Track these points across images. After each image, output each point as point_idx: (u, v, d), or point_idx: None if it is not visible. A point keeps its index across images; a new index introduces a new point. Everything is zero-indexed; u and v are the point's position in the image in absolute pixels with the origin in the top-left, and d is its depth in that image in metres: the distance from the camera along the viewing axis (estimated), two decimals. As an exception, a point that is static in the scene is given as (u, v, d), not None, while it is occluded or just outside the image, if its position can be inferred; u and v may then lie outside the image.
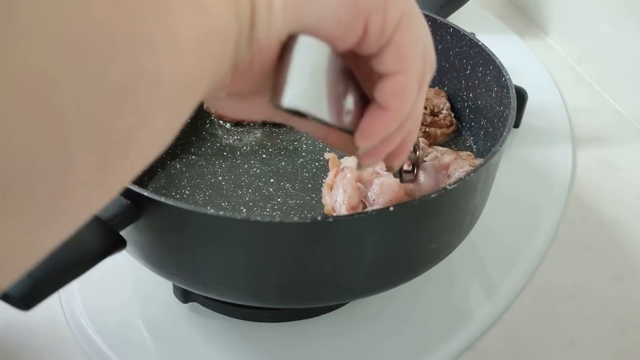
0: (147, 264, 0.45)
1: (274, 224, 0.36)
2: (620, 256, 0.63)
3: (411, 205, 0.39)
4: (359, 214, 0.37)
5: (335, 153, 0.58)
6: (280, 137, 0.65)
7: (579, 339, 0.54)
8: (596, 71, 0.93)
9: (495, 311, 0.56)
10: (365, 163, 0.33)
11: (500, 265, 0.60)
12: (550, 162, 0.74)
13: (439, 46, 0.65)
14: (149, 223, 0.39)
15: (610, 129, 0.83)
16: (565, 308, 0.57)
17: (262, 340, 0.52)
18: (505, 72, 0.54)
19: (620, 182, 0.73)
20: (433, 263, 0.47)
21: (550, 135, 0.79)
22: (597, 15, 0.90)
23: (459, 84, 0.64)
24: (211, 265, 0.42)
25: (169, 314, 0.54)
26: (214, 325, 0.53)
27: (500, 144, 0.44)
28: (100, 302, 0.55)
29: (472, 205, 0.46)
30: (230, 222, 0.38)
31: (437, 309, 0.55)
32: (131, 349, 0.51)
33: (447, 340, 0.52)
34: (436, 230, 0.44)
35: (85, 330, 0.52)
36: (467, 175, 0.41)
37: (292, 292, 0.43)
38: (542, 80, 0.91)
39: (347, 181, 0.50)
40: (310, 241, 0.39)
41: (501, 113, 0.53)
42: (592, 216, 0.68)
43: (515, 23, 1.11)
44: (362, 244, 0.40)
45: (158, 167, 0.59)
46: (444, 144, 0.62)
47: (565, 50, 1.01)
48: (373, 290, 0.46)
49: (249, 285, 0.43)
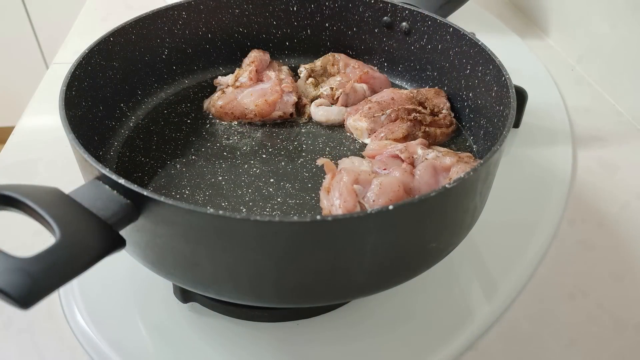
0: (146, 263, 0.45)
1: (273, 224, 0.36)
2: (620, 256, 0.63)
3: (411, 204, 0.39)
4: (359, 214, 0.37)
5: (328, 157, 0.58)
6: (280, 137, 0.65)
7: (578, 339, 0.54)
8: (596, 71, 0.93)
9: (496, 311, 0.56)
10: None
11: (500, 265, 0.60)
12: (550, 162, 0.74)
13: (439, 46, 0.65)
14: (148, 222, 0.39)
15: (611, 129, 0.83)
16: (565, 308, 0.57)
17: (262, 340, 0.52)
18: (505, 71, 0.54)
19: (620, 181, 0.73)
20: (433, 262, 0.47)
21: (550, 135, 0.79)
22: (598, 15, 0.90)
23: (459, 84, 0.64)
24: (211, 265, 0.42)
25: (168, 313, 0.54)
26: (213, 325, 0.53)
27: (500, 144, 0.44)
28: (100, 302, 0.55)
29: (472, 205, 0.46)
30: (230, 222, 0.37)
31: (437, 309, 0.55)
32: (130, 349, 0.51)
33: (447, 340, 0.52)
34: (436, 229, 0.44)
35: (84, 330, 0.52)
36: (467, 174, 0.41)
37: (292, 292, 0.43)
38: (542, 80, 0.92)
39: (343, 184, 0.50)
40: (309, 240, 0.39)
41: (501, 113, 0.53)
42: (592, 216, 0.68)
43: (515, 23, 1.11)
44: (361, 243, 0.40)
45: (158, 167, 0.59)
46: (444, 144, 0.62)
47: (566, 50, 1.01)
48: (373, 290, 0.46)
49: (248, 284, 0.43)
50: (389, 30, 0.70)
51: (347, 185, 0.50)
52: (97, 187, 0.38)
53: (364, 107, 0.64)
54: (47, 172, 0.72)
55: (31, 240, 0.53)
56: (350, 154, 0.62)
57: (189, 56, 0.72)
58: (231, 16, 0.71)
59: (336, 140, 0.64)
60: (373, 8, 0.70)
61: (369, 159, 0.58)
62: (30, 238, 0.51)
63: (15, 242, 0.55)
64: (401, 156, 0.55)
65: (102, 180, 0.39)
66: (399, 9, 0.68)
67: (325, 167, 0.54)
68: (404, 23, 0.68)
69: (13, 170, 0.73)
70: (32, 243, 0.35)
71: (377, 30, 0.71)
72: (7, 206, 0.35)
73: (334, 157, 0.61)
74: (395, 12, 0.68)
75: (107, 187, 0.38)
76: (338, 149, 0.63)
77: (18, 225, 0.49)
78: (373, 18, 0.70)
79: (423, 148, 0.56)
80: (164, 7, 0.65)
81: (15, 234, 0.57)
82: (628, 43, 0.84)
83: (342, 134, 0.65)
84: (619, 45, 0.86)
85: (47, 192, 0.36)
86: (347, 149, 0.63)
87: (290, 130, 0.66)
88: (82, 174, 0.47)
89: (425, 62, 0.68)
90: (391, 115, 0.62)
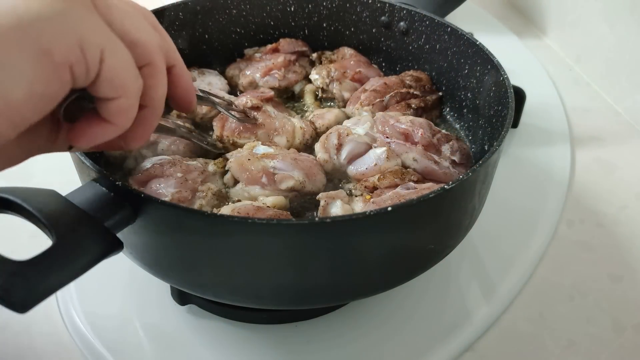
0: (144, 265, 0.45)
1: (271, 225, 0.36)
2: (618, 256, 0.63)
3: (409, 205, 0.39)
4: (358, 215, 0.37)
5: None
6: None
7: (577, 340, 0.54)
8: (595, 71, 0.93)
9: (494, 312, 0.55)
10: (132, 146, 0.38)
11: (499, 266, 0.60)
12: (549, 162, 0.74)
13: (437, 46, 0.65)
14: (145, 224, 0.39)
15: (609, 129, 0.83)
16: (564, 308, 0.57)
17: (261, 343, 0.52)
18: (503, 71, 0.54)
19: (619, 181, 0.73)
20: (432, 264, 0.47)
21: (548, 135, 0.79)
22: (596, 15, 0.90)
23: (457, 84, 0.64)
24: (208, 267, 0.41)
25: (166, 316, 0.53)
26: (211, 328, 0.53)
27: (499, 144, 0.44)
28: (98, 305, 0.54)
29: (471, 206, 0.46)
30: (228, 223, 0.37)
31: (436, 310, 0.55)
32: (128, 351, 0.50)
33: (446, 341, 0.52)
34: (435, 230, 0.44)
35: (82, 333, 0.52)
36: (465, 175, 0.41)
37: (290, 293, 0.43)
38: (540, 80, 0.91)
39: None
40: (308, 242, 0.39)
41: (499, 113, 0.53)
42: (591, 216, 0.67)
43: (514, 23, 1.11)
44: (360, 245, 0.40)
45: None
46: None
47: (564, 50, 1.01)
48: (371, 292, 0.46)
49: (246, 286, 0.42)
50: (387, 30, 0.70)
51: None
52: (94, 189, 0.38)
53: (360, 95, 0.64)
54: (44, 174, 0.71)
55: (27, 243, 0.52)
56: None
57: (186, 57, 0.71)
58: (228, 17, 0.71)
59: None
60: (371, 8, 0.69)
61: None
62: (27, 241, 0.51)
63: (11, 245, 0.55)
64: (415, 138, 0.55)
65: (98, 182, 0.38)
66: (397, 9, 0.67)
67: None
68: (401, 23, 0.68)
69: (9, 173, 0.72)
70: (28, 246, 0.35)
71: (375, 30, 0.71)
72: (2, 209, 0.34)
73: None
74: (393, 11, 0.68)
75: (104, 189, 0.38)
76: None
77: (14, 228, 0.49)
78: (371, 18, 0.70)
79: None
80: (160, 8, 0.64)
81: (11, 236, 0.56)
82: (626, 43, 0.84)
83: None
84: (618, 45, 0.86)
85: (43, 194, 0.36)
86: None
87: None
88: (78, 175, 0.46)
89: (423, 62, 0.68)
90: (391, 100, 0.62)
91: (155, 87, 0.36)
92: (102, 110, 0.34)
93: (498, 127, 0.53)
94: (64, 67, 0.30)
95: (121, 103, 0.34)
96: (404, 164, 0.54)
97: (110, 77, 0.32)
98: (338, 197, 0.49)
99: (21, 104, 0.29)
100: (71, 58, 0.30)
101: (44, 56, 0.29)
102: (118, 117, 0.34)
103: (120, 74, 0.33)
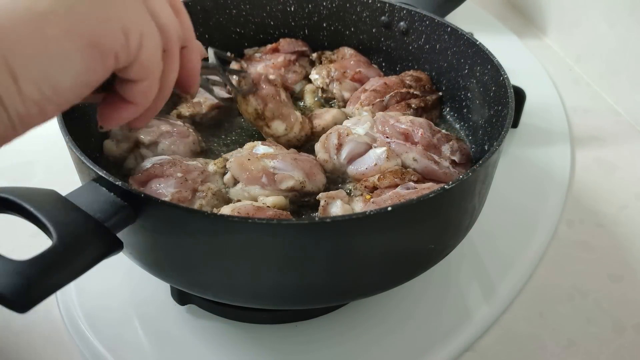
0: (143, 265, 0.45)
1: (271, 225, 0.36)
2: (618, 257, 0.63)
3: (409, 205, 0.39)
4: (358, 215, 0.37)
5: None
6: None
7: (577, 340, 0.54)
8: (595, 71, 0.93)
9: (494, 312, 0.55)
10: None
11: (499, 266, 0.60)
12: (549, 162, 0.74)
13: (437, 45, 0.65)
14: (145, 224, 0.39)
15: (609, 129, 0.83)
16: (564, 309, 0.57)
17: (260, 343, 0.52)
18: (503, 71, 0.54)
19: (619, 182, 0.73)
20: (432, 264, 0.47)
21: (548, 135, 0.79)
22: (596, 15, 0.90)
23: (457, 84, 0.64)
24: (208, 267, 0.41)
25: (166, 316, 0.53)
26: (211, 327, 0.53)
27: (499, 144, 0.44)
28: (98, 305, 0.54)
29: (471, 206, 0.46)
30: (228, 223, 0.37)
31: (436, 310, 0.55)
32: (128, 351, 0.50)
33: (446, 341, 0.52)
34: (435, 230, 0.44)
35: (82, 332, 0.52)
36: (465, 175, 0.41)
37: (290, 293, 0.43)
38: (540, 80, 0.91)
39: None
40: (308, 242, 0.39)
41: (499, 112, 0.53)
42: (591, 216, 0.67)
43: (514, 23, 1.11)
44: (360, 245, 0.40)
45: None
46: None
47: (564, 50, 1.01)
48: (371, 292, 0.46)
49: (246, 286, 0.42)
50: (387, 30, 0.70)
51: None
52: (94, 189, 0.38)
53: (360, 95, 0.64)
54: (44, 174, 0.71)
55: (28, 243, 0.52)
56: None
57: (187, 57, 0.72)
58: (228, 17, 0.71)
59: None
60: (371, 8, 0.69)
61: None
62: (27, 241, 0.51)
63: (11, 245, 0.55)
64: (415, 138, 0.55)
65: (99, 182, 0.38)
66: (397, 9, 0.67)
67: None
68: (401, 23, 0.68)
69: (9, 173, 0.72)
70: (29, 246, 0.35)
71: (375, 30, 0.71)
72: (2, 209, 0.34)
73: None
74: (393, 11, 0.68)
75: (104, 189, 0.38)
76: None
77: (14, 227, 0.49)
78: (371, 18, 0.70)
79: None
80: (161, 8, 0.64)
81: (11, 236, 0.56)
82: (626, 43, 0.84)
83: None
84: (618, 45, 0.86)
85: (44, 194, 0.36)
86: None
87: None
88: (79, 176, 0.46)
89: (423, 62, 0.68)
90: (391, 100, 0.62)
91: (168, 72, 0.37)
92: (125, 91, 0.35)
93: (498, 127, 0.53)
94: (109, 56, 0.31)
95: (145, 85, 0.35)
96: (404, 164, 0.54)
97: (144, 61, 0.33)
98: (338, 197, 0.49)
99: (68, 91, 0.30)
100: (116, 47, 0.31)
101: (92, 47, 0.30)
102: (141, 98, 0.36)
103: (152, 59, 0.34)
